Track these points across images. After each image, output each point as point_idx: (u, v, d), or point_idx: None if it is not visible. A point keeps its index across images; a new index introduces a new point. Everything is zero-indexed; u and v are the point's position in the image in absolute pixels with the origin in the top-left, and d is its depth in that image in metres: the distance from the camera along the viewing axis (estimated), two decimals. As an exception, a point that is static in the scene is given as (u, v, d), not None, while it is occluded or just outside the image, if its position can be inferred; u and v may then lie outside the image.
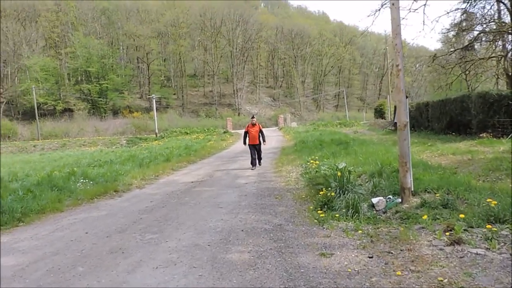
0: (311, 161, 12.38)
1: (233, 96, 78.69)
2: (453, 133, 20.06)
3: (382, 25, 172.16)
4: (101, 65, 68.48)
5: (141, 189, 11.02)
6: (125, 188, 11.05)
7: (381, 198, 7.16)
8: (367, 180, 9.26)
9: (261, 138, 14.92)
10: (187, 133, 41.11)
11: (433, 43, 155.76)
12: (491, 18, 22.13)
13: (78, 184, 10.73)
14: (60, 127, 53.70)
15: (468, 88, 38.10)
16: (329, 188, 7.72)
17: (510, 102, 16.16)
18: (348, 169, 10.00)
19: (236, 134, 37.22)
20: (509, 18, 20.64)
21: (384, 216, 6.67)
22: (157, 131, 46.40)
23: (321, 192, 7.51)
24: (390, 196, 7.22)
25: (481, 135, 17.04)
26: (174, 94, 78.66)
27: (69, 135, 49.66)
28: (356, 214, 6.48)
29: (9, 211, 7.57)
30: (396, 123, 31.18)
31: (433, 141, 19.27)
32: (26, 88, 57.71)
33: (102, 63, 68.48)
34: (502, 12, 22.35)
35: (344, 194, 7.39)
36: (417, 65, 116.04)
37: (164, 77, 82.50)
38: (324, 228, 5.97)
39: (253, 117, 15.47)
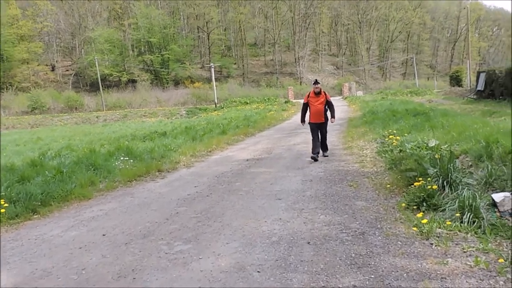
0: (390, 137, 10.23)
1: (294, 64, 75.77)
2: (558, 102, 16.77)
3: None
4: (162, 36, 68.26)
5: (188, 168, 9.51)
6: (171, 167, 9.59)
7: (508, 194, 5.03)
8: (470, 164, 7.06)
9: (328, 113, 10.07)
10: (247, 103, 39.57)
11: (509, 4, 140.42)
12: None
13: (117, 163, 9.39)
14: (124, 98, 54.17)
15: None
16: (427, 177, 5.67)
17: None
18: (445, 148, 7.85)
19: (298, 104, 35.06)
20: None
21: (514, 222, 4.60)
22: (216, 101, 45.25)
23: (416, 184, 5.48)
24: (520, 192, 5.06)
25: None
26: (235, 63, 77.14)
27: (132, 106, 49.92)
28: (476, 219, 4.44)
29: (25, 199, 6.27)
30: (479, 91, 27.62)
31: (532, 111, 16.19)
32: (92, 60, 58.62)
33: (163, 33, 68.22)
34: None
35: (450, 186, 5.32)
36: (495, 29, 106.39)
37: (224, 46, 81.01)
38: (431, 244, 4.01)
39: (316, 83, 10.08)
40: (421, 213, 4.77)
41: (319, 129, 9.85)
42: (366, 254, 3.84)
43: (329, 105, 9.97)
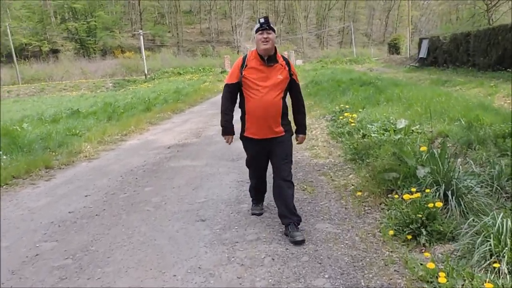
0: (345, 114, 8.46)
1: (231, 33, 72.84)
2: (508, 70, 15.95)
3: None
4: (88, 1, 62.59)
5: (90, 162, 7.21)
6: (67, 160, 7.21)
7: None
8: (456, 152, 5.40)
9: (296, 114, 3.99)
10: (180, 74, 36.75)
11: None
12: None
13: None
14: (44, 70, 48.90)
15: (489, 21, 33.96)
16: (418, 182, 3.88)
17: None
18: (416, 130, 6.19)
19: (236, 75, 32.93)
20: None
21: None
22: (146, 72, 41.75)
23: (406, 197, 3.62)
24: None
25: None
26: (169, 32, 72.77)
27: (53, 79, 45.05)
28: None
29: None
30: (422, 58, 26.87)
31: (484, 79, 15.26)
32: (6, 28, 52.42)
33: (88, -2, 62.62)
34: None
35: (458, 199, 3.55)
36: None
37: (158, 13, 76.15)
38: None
39: (265, 24, 3.50)
40: (431, 261, 2.91)
41: (269, 158, 3.86)
42: None
43: (294, 93, 3.89)
